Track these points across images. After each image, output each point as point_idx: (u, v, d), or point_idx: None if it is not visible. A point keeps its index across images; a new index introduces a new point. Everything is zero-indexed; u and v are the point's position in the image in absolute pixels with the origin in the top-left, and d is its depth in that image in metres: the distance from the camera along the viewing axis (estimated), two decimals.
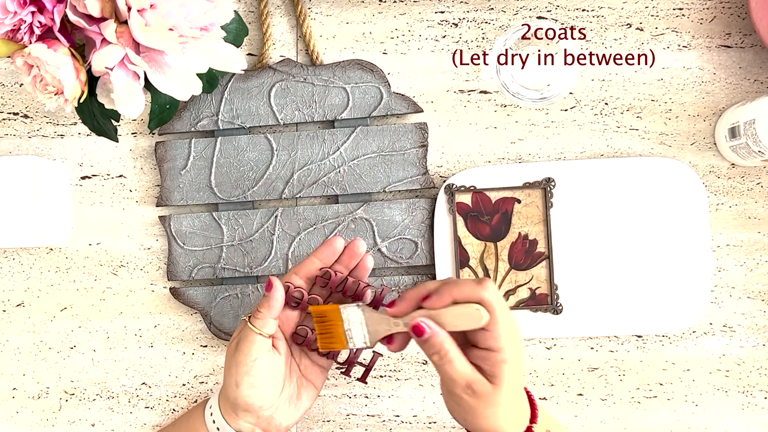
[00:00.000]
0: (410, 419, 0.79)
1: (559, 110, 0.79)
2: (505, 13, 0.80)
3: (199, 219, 0.80)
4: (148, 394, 0.81)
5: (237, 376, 0.61)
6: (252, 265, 0.79)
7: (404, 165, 0.78)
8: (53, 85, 0.63)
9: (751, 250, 0.78)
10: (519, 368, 0.58)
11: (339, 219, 0.79)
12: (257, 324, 0.61)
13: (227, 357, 0.63)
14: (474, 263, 0.77)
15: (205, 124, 0.80)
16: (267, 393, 0.61)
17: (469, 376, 0.56)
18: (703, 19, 0.78)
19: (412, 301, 0.58)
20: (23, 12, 0.61)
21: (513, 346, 0.57)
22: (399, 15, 0.80)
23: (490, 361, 0.56)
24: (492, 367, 0.56)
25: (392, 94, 0.79)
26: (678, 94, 0.78)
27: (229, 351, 0.63)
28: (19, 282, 0.82)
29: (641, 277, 0.77)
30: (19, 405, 0.82)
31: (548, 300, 0.77)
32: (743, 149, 0.73)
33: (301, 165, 0.79)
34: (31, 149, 0.83)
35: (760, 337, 0.77)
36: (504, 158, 0.79)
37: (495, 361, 0.56)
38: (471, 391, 0.57)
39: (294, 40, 0.81)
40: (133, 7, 0.60)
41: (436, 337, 0.56)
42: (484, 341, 0.56)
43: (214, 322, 0.79)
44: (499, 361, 0.56)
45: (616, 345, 0.78)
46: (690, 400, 0.78)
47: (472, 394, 0.57)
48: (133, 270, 0.82)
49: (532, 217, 0.77)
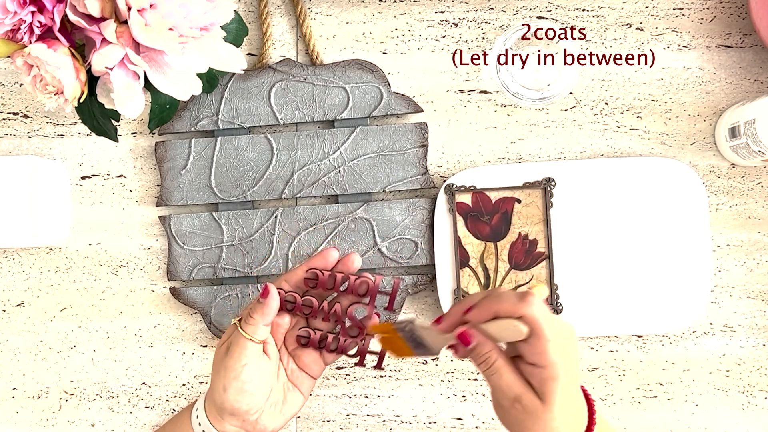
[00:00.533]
0: (410, 419, 0.79)
1: (559, 110, 0.79)
2: (505, 13, 0.80)
3: (199, 219, 0.80)
4: (148, 394, 0.81)
5: (225, 380, 0.60)
6: (252, 265, 0.79)
7: (404, 165, 0.78)
8: (53, 85, 0.63)
9: (751, 250, 0.78)
10: (572, 384, 0.56)
11: (339, 219, 0.79)
12: (248, 330, 0.60)
13: (215, 360, 0.62)
14: (474, 263, 0.77)
15: (205, 124, 0.80)
16: (255, 398, 0.61)
17: (518, 389, 0.55)
18: (703, 19, 0.78)
19: (457, 315, 0.57)
20: (23, 12, 0.61)
21: (564, 362, 0.54)
22: (399, 15, 0.80)
23: (537, 378, 0.55)
24: (540, 384, 0.55)
25: (392, 94, 0.79)
26: (678, 94, 0.78)
27: (218, 354, 0.62)
28: (19, 282, 0.82)
29: (641, 277, 0.77)
30: (19, 405, 0.82)
31: (548, 300, 0.77)
32: (743, 149, 0.73)
33: (301, 165, 0.79)
34: (31, 149, 0.83)
35: (760, 337, 0.77)
36: (504, 158, 0.79)
37: (542, 378, 0.54)
38: (520, 406, 0.55)
39: (294, 40, 0.81)
40: (133, 7, 0.60)
41: (481, 347, 0.56)
42: (530, 356, 0.55)
43: (214, 322, 0.79)
44: (547, 378, 0.54)
45: (616, 345, 0.78)
46: (690, 400, 0.78)
47: (521, 409, 0.55)
48: (133, 270, 0.82)
49: (532, 217, 0.77)
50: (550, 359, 0.54)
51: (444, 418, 0.79)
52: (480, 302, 0.56)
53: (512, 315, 0.54)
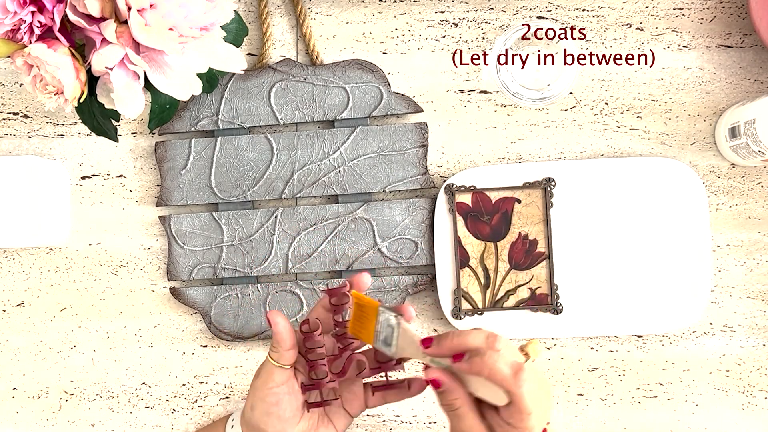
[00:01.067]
0: (410, 419, 0.79)
1: (559, 110, 0.79)
2: (505, 13, 0.80)
3: (199, 219, 0.80)
4: (148, 394, 0.81)
5: (253, 400, 0.61)
6: (252, 265, 0.79)
7: (404, 165, 0.78)
8: (53, 85, 0.63)
9: (751, 250, 0.78)
10: None
11: (339, 219, 0.79)
12: (274, 357, 0.61)
13: (253, 379, 0.63)
14: (474, 263, 0.77)
15: (205, 124, 0.80)
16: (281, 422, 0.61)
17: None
18: (703, 19, 0.78)
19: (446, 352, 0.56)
20: (23, 12, 0.61)
21: (539, 424, 0.54)
22: (399, 15, 0.80)
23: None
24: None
25: (392, 94, 0.79)
26: (678, 94, 0.78)
27: (255, 374, 0.63)
28: (19, 282, 0.82)
29: (641, 277, 0.77)
30: (19, 405, 0.82)
31: (548, 300, 0.77)
32: (743, 149, 0.73)
33: (301, 165, 0.79)
34: (31, 149, 0.83)
35: (760, 337, 0.77)
36: (504, 158, 0.79)
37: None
38: None
39: (294, 40, 0.81)
40: (133, 7, 0.60)
41: (450, 394, 0.55)
42: (507, 416, 0.54)
43: (214, 322, 0.79)
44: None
45: (616, 345, 0.78)
46: (690, 400, 0.78)
47: None
48: (133, 270, 0.82)
49: (532, 217, 0.77)
50: (526, 426, 0.54)
51: (444, 418, 0.79)
52: (473, 359, 0.54)
53: (501, 387, 0.53)
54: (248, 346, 0.81)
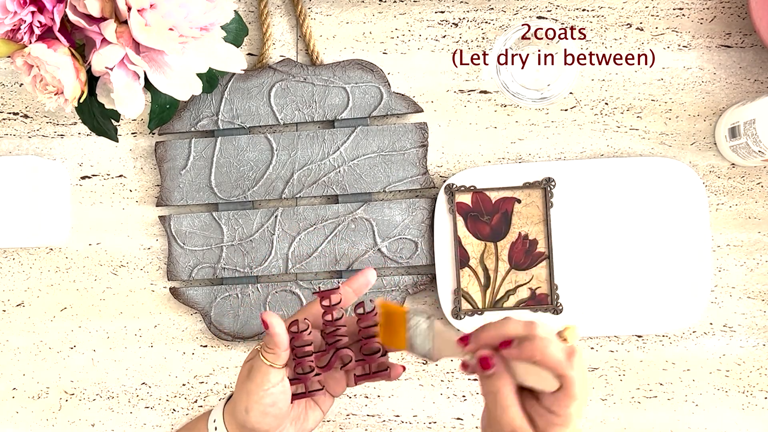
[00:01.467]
0: (410, 419, 0.79)
1: (559, 110, 0.79)
2: (505, 13, 0.80)
3: (199, 219, 0.80)
4: (148, 394, 0.81)
5: (248, 403, 0.61)
6: (252, 265, 0.79)
7: (404, 165, 0.78)
8: (53, 85, 0.63)
9: (751, 250, 0.78)
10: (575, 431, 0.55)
11: (339, 219, 0.79)
12: (269, 358, 0.61)
13: (239, 380, 0.63)
14: (474, 263, 0.77)
15: (205, 124, 0.80)
16: (277, 419, 0.62)
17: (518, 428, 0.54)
18: (703, 19, 0.78)
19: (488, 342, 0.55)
20: (23, 12, 0.61)
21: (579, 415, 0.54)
22: (399, 15, 0.80)
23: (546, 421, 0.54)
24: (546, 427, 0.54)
25: (392, 94, 0.79)
26: (678, 94, 0.78)
27: (241, 375, 0.63)
28: (19, 282, 0.82)
29: (641, 277, 0.77)
30: (19, 405, 0.82)
31: (548, 300, 0.77)
32: (743, 149, 0.73)
33: (301, 165, 0.79)
34: (31, 149, 0.83)
35: (760, 337, 0.77)
36: (504, 158, 0.79)
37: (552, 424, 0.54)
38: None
39: (294, 40, 0.81)
40: (133, 7, 0.60)
41: (498, 379, 0.54)
42: (550, 404, 0.54)
43: (214, 322, 0.79)
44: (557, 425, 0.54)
45: (616, 345, 0.78)
46: (690, 400, 0.78)
47: None
48: (133, 270, 0.82)
49: (532, 217, 0.77)
50: (569, 413, 0.53)
51: (444, 418, 0.79)
52: (523, 344, 0.53)
53: (555, 371, 0.52)
54: (248, 346, 0.81)
